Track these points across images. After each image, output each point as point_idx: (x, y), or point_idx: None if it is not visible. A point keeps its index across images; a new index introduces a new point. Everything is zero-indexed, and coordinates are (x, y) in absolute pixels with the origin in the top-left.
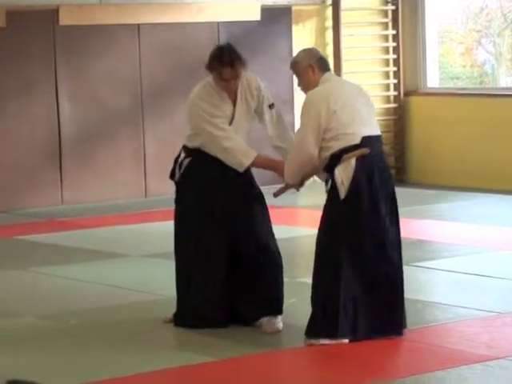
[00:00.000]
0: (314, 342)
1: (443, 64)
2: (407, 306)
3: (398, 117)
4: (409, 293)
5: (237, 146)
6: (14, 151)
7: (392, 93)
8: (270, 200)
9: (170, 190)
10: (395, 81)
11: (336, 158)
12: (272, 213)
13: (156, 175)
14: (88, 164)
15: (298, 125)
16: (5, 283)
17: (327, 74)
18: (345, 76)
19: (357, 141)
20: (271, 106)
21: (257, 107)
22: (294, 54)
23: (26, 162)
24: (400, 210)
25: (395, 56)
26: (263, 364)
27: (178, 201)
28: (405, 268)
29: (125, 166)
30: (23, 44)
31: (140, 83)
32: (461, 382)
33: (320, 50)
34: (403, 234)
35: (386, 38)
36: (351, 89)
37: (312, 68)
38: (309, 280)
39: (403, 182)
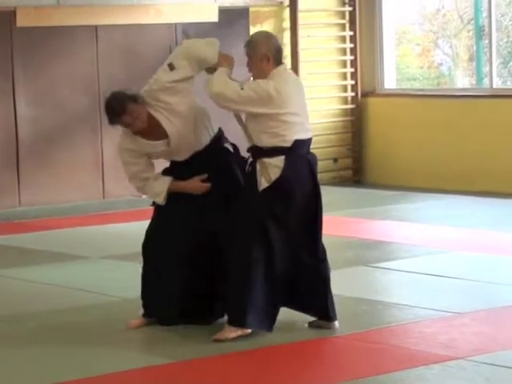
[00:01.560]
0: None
1: (400, 65)
2: (367, 306)
3: (356, 118)
4: (368, 294)
5: (147, 189)
6: None
7: (349, 94)
8: None
9: (127, 191)
10: (353, 82)
11: (266, 152)
12: None
13: (114, 177)
14: (46, 166)
15: None
16: None
17: (280, 67)
18: (303, 77)
19: (289, 144)
20: (170, 66)
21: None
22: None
23: None
24: (359, 211)
25: (353, 57)
26: (225, 364)
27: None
28: (364, 269)
29: (83, 168)
30: None
31: (98, 84)
32: (420, 382)
33: None
34: (362, 234)
35: (343, 39)
36: (297, 88)
37: (268, 59)
38: None
39: (361, 183)
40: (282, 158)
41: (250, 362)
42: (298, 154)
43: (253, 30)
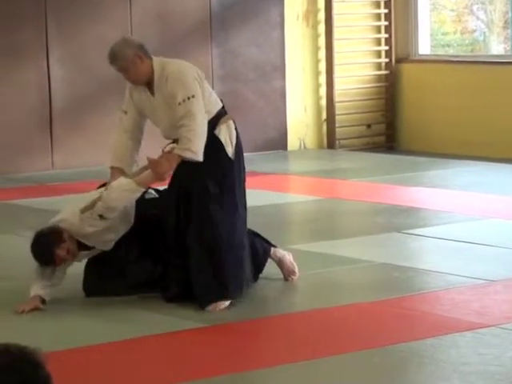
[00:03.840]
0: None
1: (434, 31)
2: (399, 273)
3: (389, 84)
4: (400, 260)
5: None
6: (5, 116)
7: (383, 60)
8: (255, 167)
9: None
10: (387, 48)
11: (213, 121)
12: (262, 179)
13: (146, 141)
14: (79, 129)
15: (289, 91)
16: None
17: (156, 58)
18: (336, 42)
19: (221, 104)
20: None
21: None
22: (287, 19)
23: (17, 126)
24: (391, 177)
25: (387, 23)
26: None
27: None
28: (396, 235)
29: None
30: (14, 7)
31: None
32: (452, 349)
33: (311, 16)
34: (395, 200)
35: (377, 4)
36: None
37: (140, 57)
38: (299, 246)
39: (394, 149)
40: None
41: (278, 329)
42: None
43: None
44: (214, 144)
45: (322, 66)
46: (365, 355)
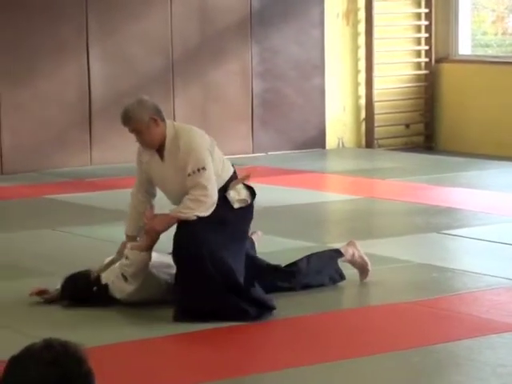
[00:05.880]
0: None
1: (474, 31)
2: (437, 273)
3: (429, 84)
4: (438, 260)
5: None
6: (45, 111)
7: (423, 59)
8: (294, 165)
9: None
10: (427, 47)
11: (225, 186)
12: (300, 177)
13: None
14: (118, 125)
15: (328, 89)
16: (33, 243)
17: (168, 122)
18: (376, 41)
19: (232, 169)
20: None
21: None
22: (327, 18)
23: (57, 122)
24: (429, 177)
25: (427, 22)
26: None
27: None
28: (435, 235)
29: None
30: (55, 4)
31: (171, 45)
32: (489, 350)
33: (351, 15)
34: (433, 201)
35: (418, 3)
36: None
37: (155, 120)
38: (337, 245)
39: (432, 149)
40: None
41: (317, 328)
42: None
43: None
44: (223, 202)
45: (362, 65)
46: (402, 356)
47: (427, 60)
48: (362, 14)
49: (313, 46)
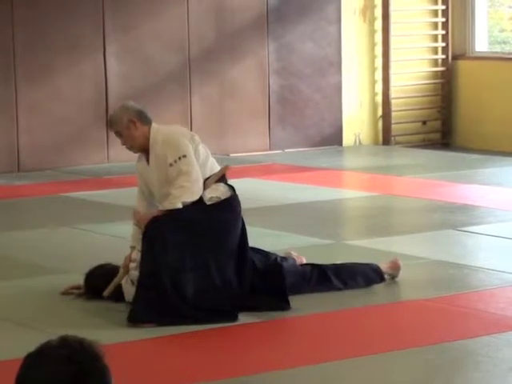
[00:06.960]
0: None
1: (491, 28)
2: (454, 270)
3: (446, 80)
4: (455, 257)
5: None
6: (62, 109)
7: (440, 56)
8: (311, 162)
9: (215, 149)
10: (443, 44)
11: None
12: (317, 174)
13: (202, 135)
14: None
15: (344, 86)
16: (51, 240)
17: (154, 126)
18: (393, 38)
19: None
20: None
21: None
22: (343, 14)
23: (73, 120)
24: (446, 174)
25: (444, 19)
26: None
27: None
28: (452, 232)
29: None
30: (71, 2)
31: (188, 42)
32: (506, 347)
33: (368, 12)
34: (450, 197)
35: (435, 0)
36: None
37: (134, 122)
38: (354, 242)
39: (449, 146)
40: None
41: (333, 324)
42: None
43: None
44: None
45: (379, 62)
46: (419, 352)
47: (444, 57)
48: (378, 11)
49: (329, 43)
